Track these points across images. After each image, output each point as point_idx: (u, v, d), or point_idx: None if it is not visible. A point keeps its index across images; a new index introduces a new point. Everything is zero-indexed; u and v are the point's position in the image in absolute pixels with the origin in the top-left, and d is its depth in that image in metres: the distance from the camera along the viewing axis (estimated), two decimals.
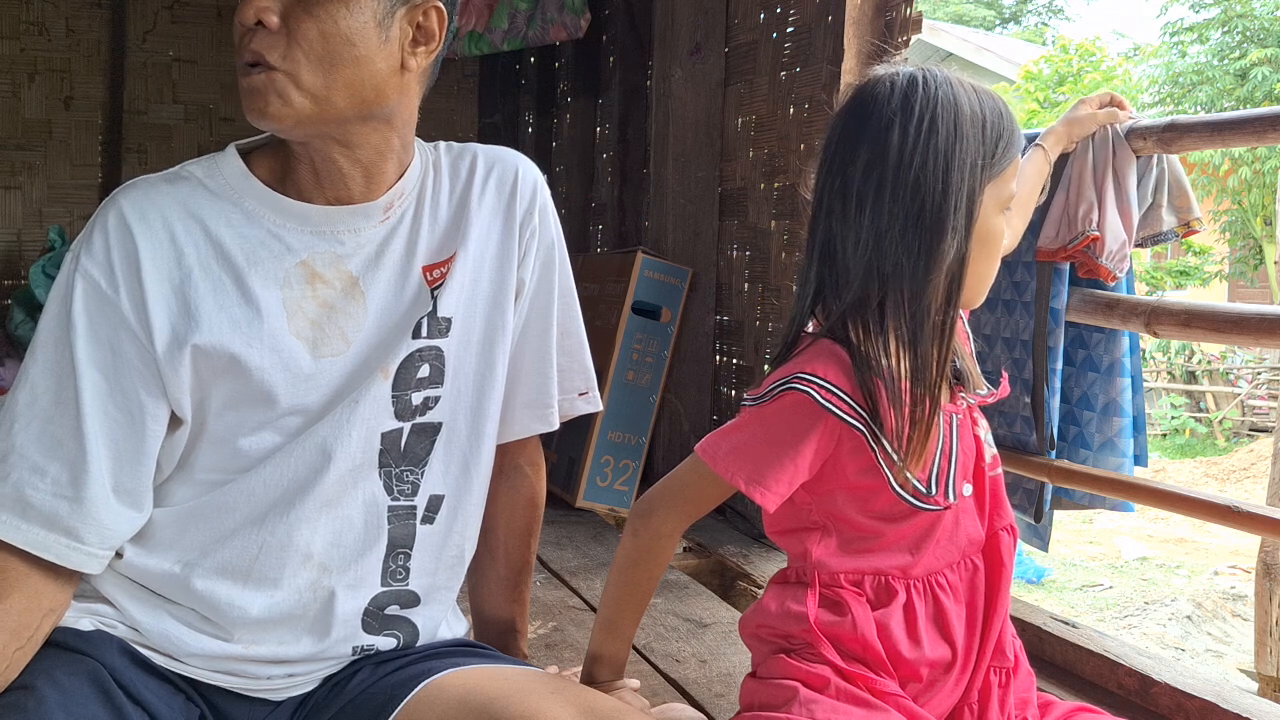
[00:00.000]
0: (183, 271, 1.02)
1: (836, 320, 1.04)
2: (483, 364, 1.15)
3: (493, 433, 1.18)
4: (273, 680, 1.08)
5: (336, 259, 1.07)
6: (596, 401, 1.31)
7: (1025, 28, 27.73)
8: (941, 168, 1.00)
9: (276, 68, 0.97)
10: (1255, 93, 12.71)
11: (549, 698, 0.98)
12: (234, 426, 1.05)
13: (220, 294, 1.03)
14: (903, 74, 1.04)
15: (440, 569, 1.16)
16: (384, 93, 1.03)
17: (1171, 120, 1.76)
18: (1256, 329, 1.61)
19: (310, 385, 1.05)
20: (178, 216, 1.03)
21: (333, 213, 1.07)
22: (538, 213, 1.19)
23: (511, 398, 1.21)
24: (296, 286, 1.05)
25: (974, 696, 1.10)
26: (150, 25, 4.31)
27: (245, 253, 1.04)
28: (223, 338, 1.02)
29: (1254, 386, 11.61)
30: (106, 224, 1.02)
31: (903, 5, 2.36)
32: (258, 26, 0.97)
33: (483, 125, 4.77)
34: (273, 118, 0.99)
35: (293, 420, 1.05)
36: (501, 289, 1.16)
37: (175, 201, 1.04)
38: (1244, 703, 1.56)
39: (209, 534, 1.05)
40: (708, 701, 1.65)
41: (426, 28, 1.04)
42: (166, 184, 1.05)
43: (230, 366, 1.02)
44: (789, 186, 2.73)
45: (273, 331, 1.04)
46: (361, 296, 1.08)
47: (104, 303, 1.00)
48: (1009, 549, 1.11)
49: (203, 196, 1.05)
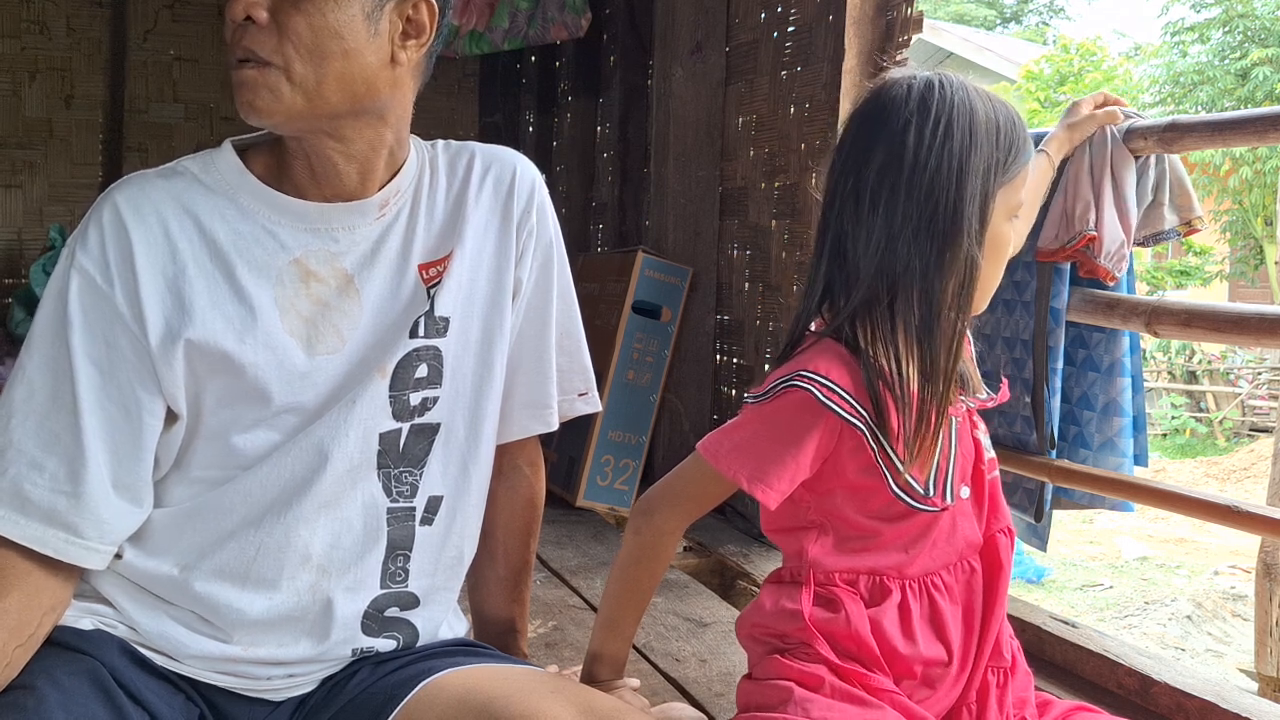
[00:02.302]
0: (177, 266, 1.02)
1: (844, 320, 1.04)
2: (481, 364, 1.15)
3: (491, 433, 1.18)
4: (272, 681, 1.08)
5: (331, 256, 1.07)
6: (596, 402, 1.31)
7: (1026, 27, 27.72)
8: (956, 172, 1.01)
9: (269, 62, 0.98)
10: (1256, 93, 12.70)
11: (549, 697, 0.97)
12: (229, 423, 1.04)
13: (214, 290, 1.03)
14: (919, 78, 1.05)
15: (439, 570, 1.16)
16: (375, 87, 1.03)
17: (1172, 120, 1.75)
18: (1257, 329, 1.60)
19: (305, 383, 1.05)
20: (172, 212, 1.03)
21: (328, 209, 1.07)
22: (535, 212, 1.19)
23: (510, 398, 1.21)
24: (289, 284, 1.05)
25: (972, 697, 1.10)
26: (151, 24, 4.31)
27: (239, 249, 1.04)
28: (215, 334, 1.02)
29: (1254, 386, 11.61)
30: (101, 219, 1.02)
31: (903, 5, 2.36)
32: (247, 22, 0.98)
33: (483, 124, 4.77)
34: (263, 112, 0.99)
35: (289, 419, 1.05)
36: (499, 288, 1.16)
37: (169, 196, 1.04)
38: (1244, 703, 1.56)
39: (207, 536, 1.05)
40: (708, 701, 1.65)
41: (416, 21, 1.04)
42: (161, 179, 1.05)
43: (223, 363, 1.02)
44: (790, 186, 2.73)
45: (266, 329, 1.04)
46: (356, 294, 1.08)
47: (99, 297, 1.00)
48: (1007, 551, 1.11)
49: (198, 192, 1.05)
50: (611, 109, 3.83)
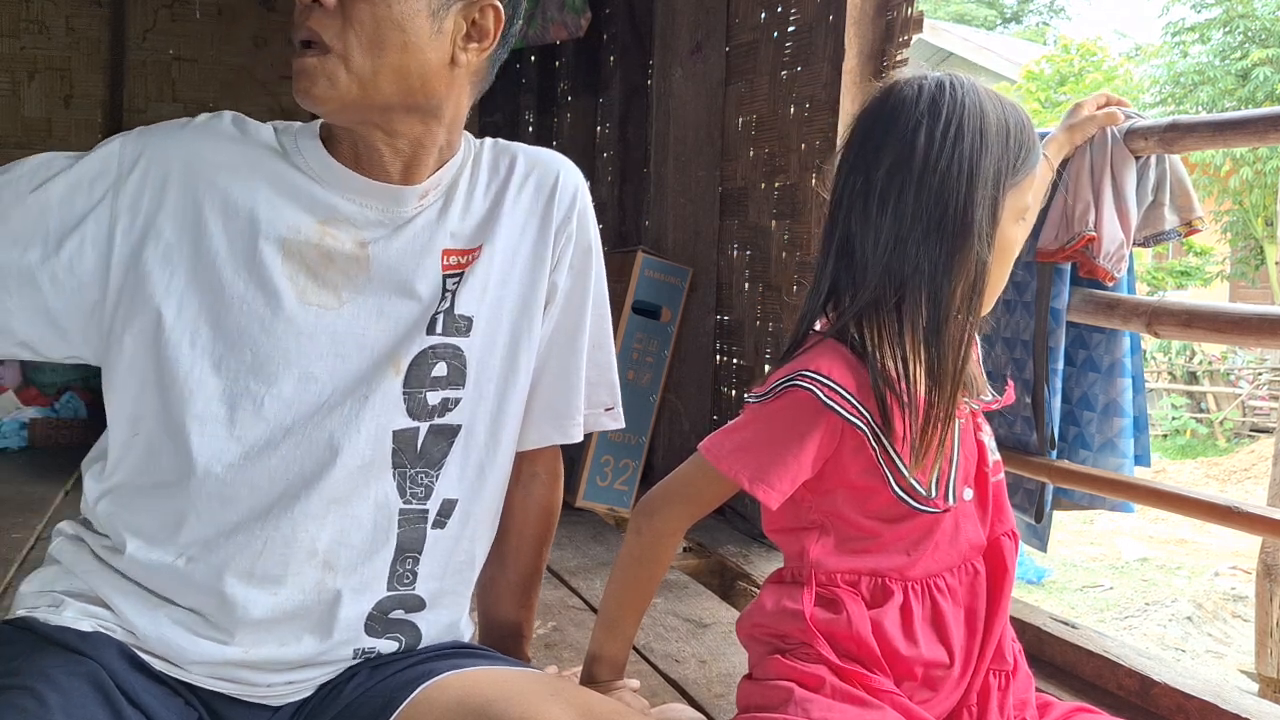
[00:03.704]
0: (204, 187, 1.04)
1: (849, 319, 1.04)
2: (507, 368, 1.14)
3: (512, 439, 1.17)
4: (273, 689, 1.07)
5: (352, 223, 1.07)
6: (620, 418, 1.30)
7: (1026, 27, 27.73)
8: (966, 173, 1.01)
9: (330, 48, 0.99)
10: (1257, 93, 12.72)
11: (548, 699, 0.97)
12: (211, 370, 1.02)
13: (229, 224, 1.04)
14: (930, 78, 1.05)
15: (449, 573, 1.14)
16: (431, 84, 1.03)
17: (1173, 120, 1.75)
18: (1257, 329, 1.60)
19: (289, 331, 1.03)
20: (226, 150, 1.06)
21: (367, 184, 1.07)
22: (576, 218, 1.18)
23: (533, 405, 1.19)
24: (305, 231, 1.05)
25: (973, 699, 1.10)
26: (150, 23, 4.31)
27: (272, 183, 1.05)
28: (217, 257, 1.02)
29: (1255, 387, 11.61)
30: (171, 131, 1.05)
31: (904, 5, 2.36)
32: (314, 4, 0.98)
33: (483, 124, 4.76)
34: (319, 99, 1.00)
35: (282, 376, 1.03)
36: (532, 292, 1.15)
37: (239, 150, 1.06)
38: (1244, 703, 1.55)
39: (212, 527, 1.03)
40: (707, 702, 1.65)
41: (482, 25, 1.04)
42: (240, 128, 1.08)
43: (213, 289, 1.03)
44: (790, 186, 2.73)
45: (263, 262, 1.03)
46: (366, 262, 1.07)
47: (102, 180, 1.02)
48: (1011, 554, 1.11)
49: (257, 147, 1.07)
50: (611, 109, 3.83)
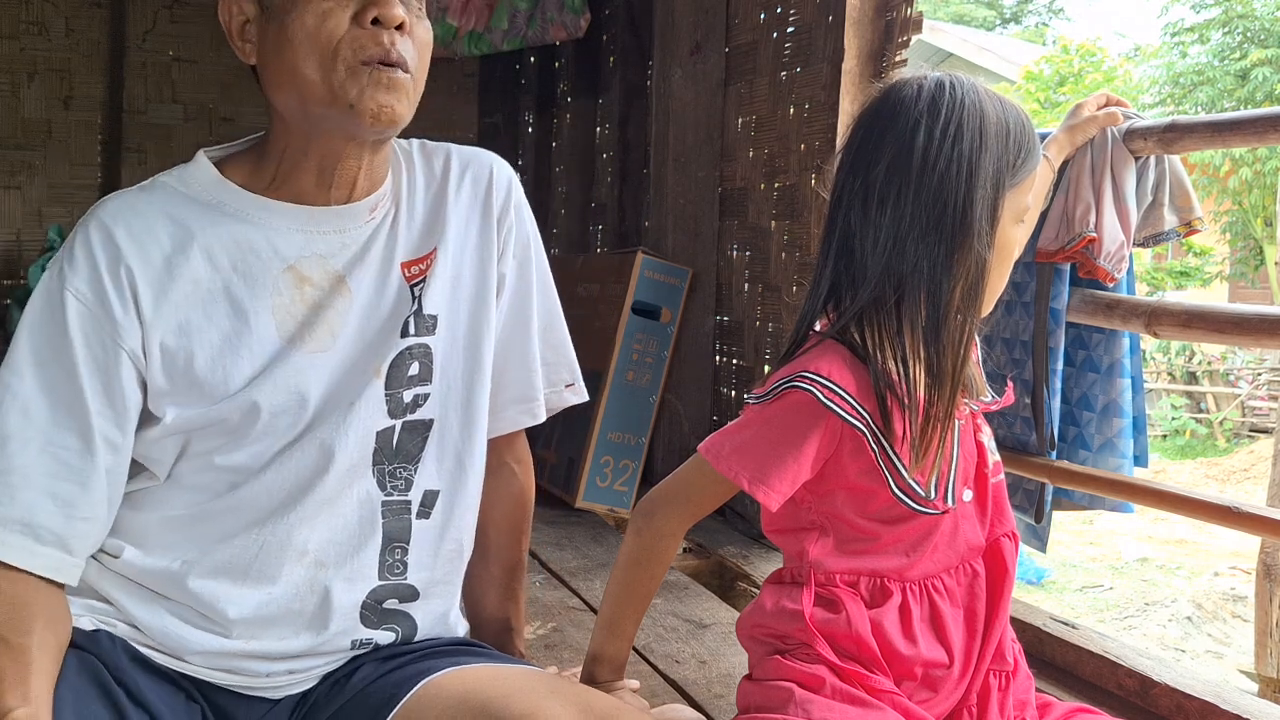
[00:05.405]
0: (170, 277, 1.02)
1: (849, 319, 1.04)
2: (470, 359, 1.16)
3: (484, 427, 1.19)
4: (273, 678, 1.08)
5: (323, 259, 1.08)
6: (583, 392, 1.33)
7: (1026, 28, 27.73)
8: (965, 173, 1.01)
9: (410, 70, 1.02)
10: (1256, 93, 12.71)
11: (548, 697, 0.98)
12: (218, 445, 1.05)
13: (209, 305, 1.03)
14: (930, 78, 1.05)
15: (439, 563, 1.16)
16: None
17: (1172, 121, 1.75)
18: (1257, 330, 1.60)
19: (295, 382, 1.05)
20: (162, 223, 1.03)
21: (320, 213, 1.08)
22: (513, 209, 1.21)
23: (497, 392, 1.22)
24: (286, 292, 1.06)
25: (973, 699, 1.10)
26: (150, 25, 4.31)
27: (234, 261, 1.05)
28: (212, 350, 1.03)
29: (1254, 387, 11.60)
30: (89, 237, 1.01)
31: (903, 5, 2.36)
32: (398, 30, 1.00)
33: (483, 125, 4.77)
34: (400, 119, 1.03)
35: (283, 420, 1.05)
36: (484, 284, 1.18)
37: (156, 209, 1.04)
38: (1243, 703, 1.55)
39: (212, 536, 1.06)
40: (707, 702, 1.65)
41: None
42: (143, 193, 1.06)
43: (212, 379, 1.03)
44: (789, 187, 2.73)
45: (261, 339, 1.04)
46: (349, 292, 1.09)
47: (96, 318, 1.00)
48: (1011, 555, 1.11)
49: (181, 202, 1.05)
50: (611, 109, 3.83)
